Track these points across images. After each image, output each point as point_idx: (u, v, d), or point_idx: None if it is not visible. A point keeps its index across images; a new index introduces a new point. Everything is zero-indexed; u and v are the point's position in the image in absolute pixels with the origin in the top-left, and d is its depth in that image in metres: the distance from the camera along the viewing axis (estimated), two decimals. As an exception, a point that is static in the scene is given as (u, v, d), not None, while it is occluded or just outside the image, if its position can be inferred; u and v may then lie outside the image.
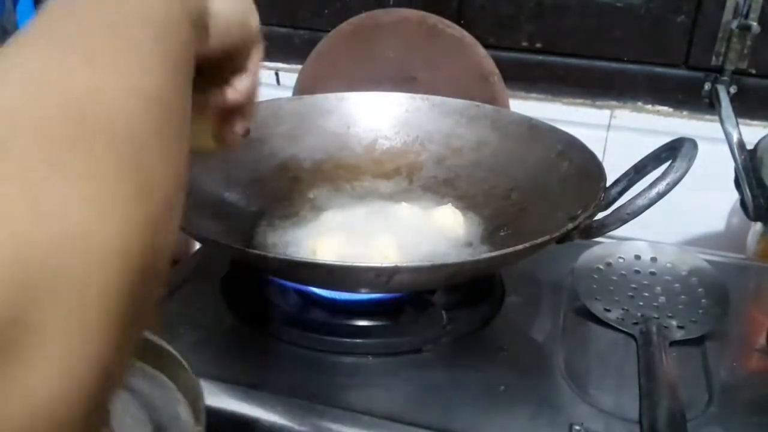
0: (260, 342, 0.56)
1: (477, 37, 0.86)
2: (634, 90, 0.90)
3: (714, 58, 0.85)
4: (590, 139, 0.64)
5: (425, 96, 0.74)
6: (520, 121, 0.69)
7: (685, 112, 0.89)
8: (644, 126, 0.89)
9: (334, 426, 0.47)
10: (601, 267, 0.65)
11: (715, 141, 0.65)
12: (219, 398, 0.49)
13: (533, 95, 0.94)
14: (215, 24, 0.33)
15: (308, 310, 0.59)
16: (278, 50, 1.05)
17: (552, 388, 0.52)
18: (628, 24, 0.87)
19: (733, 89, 0.85)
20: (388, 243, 0.58)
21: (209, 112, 0.38)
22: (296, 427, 0.48)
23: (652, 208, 0.49)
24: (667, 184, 0.48)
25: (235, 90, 0.38)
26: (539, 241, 0.49)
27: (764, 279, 0.72)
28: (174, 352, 0.41)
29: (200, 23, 0.31)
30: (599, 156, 0.60)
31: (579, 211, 0.53)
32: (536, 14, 0.90)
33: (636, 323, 0.59)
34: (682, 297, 0.61)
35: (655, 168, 0.54)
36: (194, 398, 0.40)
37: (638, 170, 0.56)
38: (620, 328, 0.59)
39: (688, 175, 0.49)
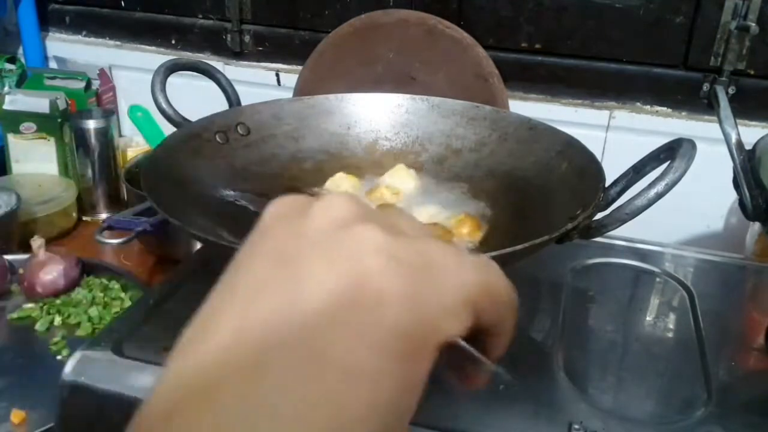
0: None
1: (477, 38, 0.86)
2: (632, 91, 0.90)
3: (713, 58, 0.85)
4: (589, 140, 0.64)
5: (425, 97, 0.74)
6: (519, 122, 0.69)
7: (683, 113, 0.89)
8: (643, 126, 0.89)
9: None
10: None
11: (714, 141, 0.65)
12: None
13: (533, 96, 0.94)
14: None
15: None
16: (279, 51, 1.05)
17: (551, 388, 0.52)
18: (626, 25, 0.87)
19: (731, 90, 0.85)
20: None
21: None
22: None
23: (650, 208, 0.49)
24: (666, 184, 0.49)
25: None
26: (539, 241, 0.49)
27: (762, 279, 0.72)
28: None
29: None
30: (598, 156, 0.60)
31: (578, 212, 0.53)
32: (536, 15, 0.90)
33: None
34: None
35: (653, 168, 0.54)
36: None
37: (637, 170, 0.56)
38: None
39: (686, 175, 0.49)
